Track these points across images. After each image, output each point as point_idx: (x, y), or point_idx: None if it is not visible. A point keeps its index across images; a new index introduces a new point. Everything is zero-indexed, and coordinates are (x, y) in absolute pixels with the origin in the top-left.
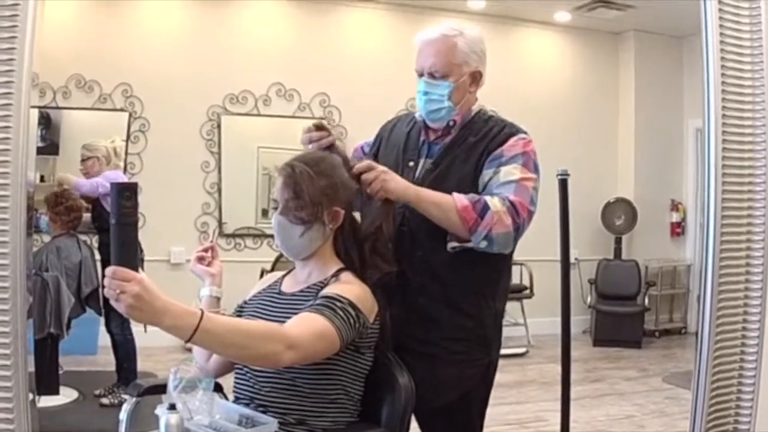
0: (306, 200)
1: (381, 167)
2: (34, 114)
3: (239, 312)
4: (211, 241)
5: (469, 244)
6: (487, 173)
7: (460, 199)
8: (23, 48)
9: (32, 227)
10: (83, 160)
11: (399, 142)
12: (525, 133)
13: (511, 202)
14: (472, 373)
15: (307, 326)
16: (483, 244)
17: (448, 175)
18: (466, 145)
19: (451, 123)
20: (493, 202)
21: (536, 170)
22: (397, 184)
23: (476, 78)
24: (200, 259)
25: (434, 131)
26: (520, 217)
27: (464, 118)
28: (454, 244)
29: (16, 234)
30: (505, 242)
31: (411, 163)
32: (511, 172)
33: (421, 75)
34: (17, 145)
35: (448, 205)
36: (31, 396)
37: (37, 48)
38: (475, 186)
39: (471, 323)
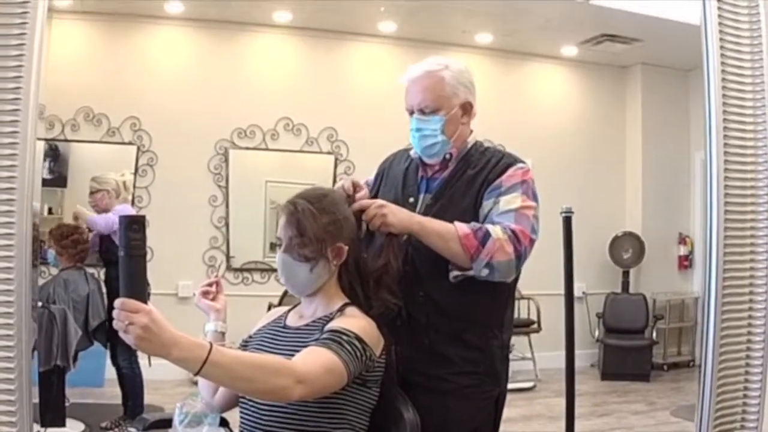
0: (309, 238)
1: (379, 201)
2: (40, 146)
3: (244, 346)
4: (216, 276)
5: (471, 273)
6: (486, 204)
7: (461, 228)
8: (29, 80)
9: (38, 259)
10: (92, 193)
11: (397, 179)
12: (523, 162)
13: (513, 231)
14: (483, 405)
15: (316, 360)
16: (484, 272)
17: (448, 209)
18: (465, 178)
19: (448, 156)
20: (495, 230)
21: (535, 198)
22: (396, 217)
23: (467, 109)
24: (205, 294)
25: (431, 167)
26: (521, 245)
27: (460, 150)
28: (456, 273)
29: (21, 266)
30: (506, 270)
31: (411, 200)
32: (511, 201)
33: (411, 113)
34: (23, 177)
35: (450, 234)
36: (36, 428)
37: (43, 80)
38: (476, 218)
39: (479, 356)
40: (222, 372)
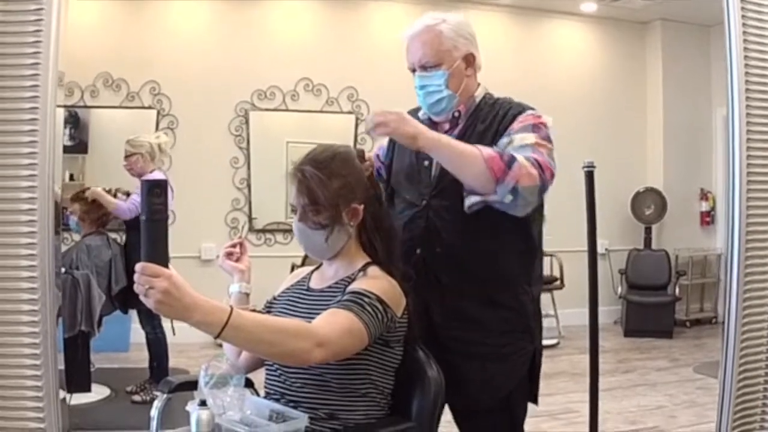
0: (322, 205)
1: (398, 113)
2: (61, 113)
3: (269, 308)
4: (240, 237)
5: (492, 197)
6: (501, 143)
7: (485, 150)
8: (48, 47)
9: (60, 226)
10: (127, 156)
11: None
12: (533, 109)
13: (535, 159)
14: (521, 363)
15: (336, 323)
16: (508, 198)
17: None
18: (476, 135)
19: (456, 114)
20: (520, 154)
21: (550, 141)
22: (408, 128)
23: (470, 61)
24: (229, 255)
25: (441, 125)
26: (545, 173)
27: (468, 106)
28: (475, 199)
29: (44, 232)
30: (531, 197)
31: (426, 163)
32: (525, 138)
33: (413, 71)
34: (44, 144)
35: (473, 154)
36: (62, 394)
37: (62, 47)
38: None
39: (513, 315)
40: (242, 335)
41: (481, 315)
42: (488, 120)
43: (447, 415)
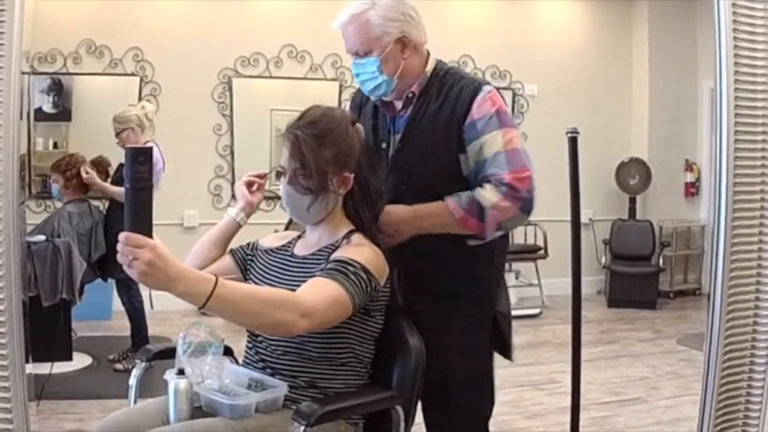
0: (313, 170)
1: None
2: (25, 79)
3: (250, 256)
4: (266, 174)
5: (488, 239)
6: (471, 150)
7: (455, 209)
8: (12, 14)
9: (25, 194)
10: (117, 134)
11: (368, 125)
12: (487, 84)
13: (507, 184)
14: (484, 333)
15: (321, 293)
16: (499, 233)
17: (415, 153)
18: (428, 116)
19: (410, 95)
20: (486, 196)
21: (512, 121)
22: (403, 234)
23: (406, 43)
24: (249, 185)
25: (394, 105)
26: (520, 192)
27: (421, 85)
28: (472, 242)
29: (8, 197)
30: (519, 220)
31: (384, 145)
32: (494, 141)
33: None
34: (8, 111)
35: (446, 219)
36: (29, 368)
37: (28, 12)
38: (448, 157)
39: (471, 287)
40: (227, 306)
41: (443, 289)
42: (441, 97)
43: None
